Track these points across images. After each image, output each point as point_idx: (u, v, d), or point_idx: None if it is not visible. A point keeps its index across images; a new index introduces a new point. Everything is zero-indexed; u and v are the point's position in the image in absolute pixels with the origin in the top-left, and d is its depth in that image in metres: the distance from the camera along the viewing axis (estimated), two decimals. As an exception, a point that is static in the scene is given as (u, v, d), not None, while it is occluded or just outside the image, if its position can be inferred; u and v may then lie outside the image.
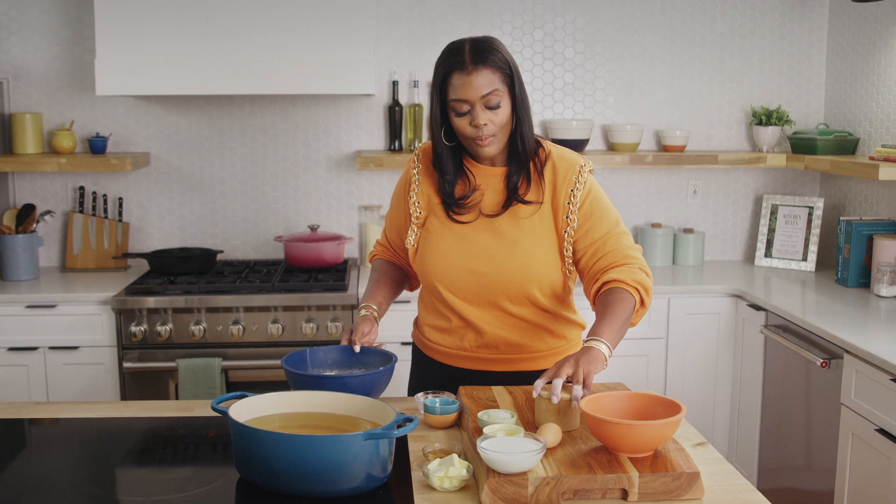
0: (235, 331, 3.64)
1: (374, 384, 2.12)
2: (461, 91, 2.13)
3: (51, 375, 3.68)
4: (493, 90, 2.12)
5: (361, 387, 2.08)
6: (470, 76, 2.12)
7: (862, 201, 4.10)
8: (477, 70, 2.11)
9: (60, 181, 4.26)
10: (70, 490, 1.82)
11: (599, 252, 2.22)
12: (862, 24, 4.08)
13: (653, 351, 3.91)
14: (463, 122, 2.16)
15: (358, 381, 2.09)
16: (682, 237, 4.37)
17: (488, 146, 2.19)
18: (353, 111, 4.31)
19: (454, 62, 2.14)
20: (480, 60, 2.12)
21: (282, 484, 1.70)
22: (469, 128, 2.16)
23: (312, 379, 2.09)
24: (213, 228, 4.35)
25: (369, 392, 2.09)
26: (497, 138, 2.19)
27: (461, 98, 2.13)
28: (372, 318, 2.32)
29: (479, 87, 2.11)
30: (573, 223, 2.23)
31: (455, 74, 2.13)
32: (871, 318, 3.35)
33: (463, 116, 2.16)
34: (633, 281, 2.17)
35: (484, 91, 2.12)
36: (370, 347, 2.26)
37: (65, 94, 4.21)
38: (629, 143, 4.26)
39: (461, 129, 2.18)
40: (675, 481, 1.70)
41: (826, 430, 3.22)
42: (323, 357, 2.26)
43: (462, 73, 2.12)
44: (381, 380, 2.14)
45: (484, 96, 2.12)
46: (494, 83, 2.13)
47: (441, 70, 2.16)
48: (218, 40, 3.74)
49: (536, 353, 2.33)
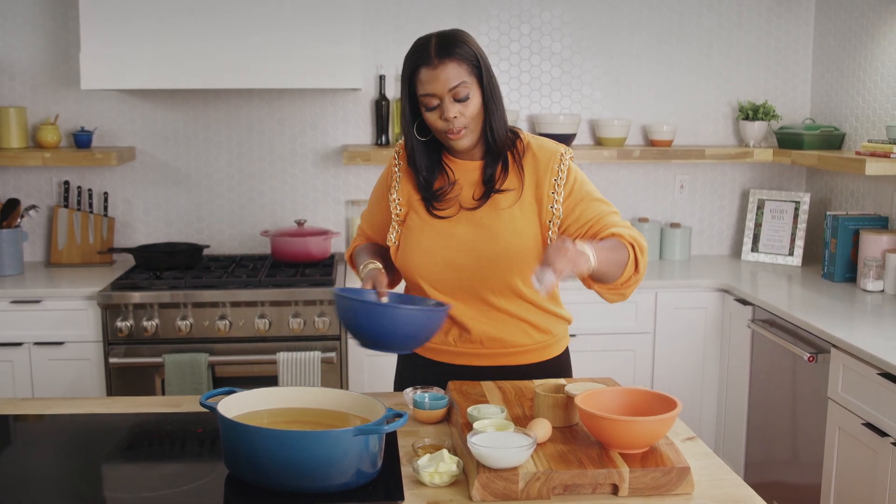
0: (222, 326, 3.62)
1: (437, 320, 2.10)
2: (428, 85, 2.13)
3: (36, 371, 3.65)
4: (461, 83, 2.13)
5: (429, 322, 2.07)
6: (436, 70, 2.12)
7: (848, 196, 4.12)
8: (443, 64, 2.12)
9: (45, 175, 4.23)
10: (57, 487, 1.81)
11: (595, 227, 2.20)
12: (848, 19, 4.09)
13: (640, 346, 3.92)
14: (433, 116, 2.17)
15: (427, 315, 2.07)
16: (669, 232, 4.38)
17: (461, 139, 2.19)
18: (339, 106, 4.30)
19: (420, 57, 2.15)
20: (446, 54, 2.13)
21: (271, 480, 1.69)
22: (440, 121, 2.17)
23: (380, 308, 2.02)
24: (199, 223, 4.33)
25: (430, 328, 2.08)
26: (469, 130, 2.18)
27: (429, 92, 2.14)
28: (381, 270, 2.23)
29: (446, 81, 2.12)
30: (558, 212, 2.22)
31: (422, 70, 2.14)
32: (858, 312, 3.36)
33: (433, 111, 2.17)
34: (629, 237, 2.14)
35: (451, 84, 2.12)
36: (401, 294, 2.26)
37: (49, 88, 4.18)
38: (616, 138, 4.26)
39: (433, 124, 2.19)
40: (665, 476, 1.70)
41: (813, 425, 3.23)
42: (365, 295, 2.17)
43: (428, 67, 2.13)
44: (442, 316, 2.12)
45: (451, 89, 2.13)
46: (462, 76, 2.13)
47: (408, 66, 2.17)
48: (204, 34, 3.72)
49: (521, 348, 2.32)
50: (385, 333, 2.02)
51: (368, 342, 2.06)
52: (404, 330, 2.04)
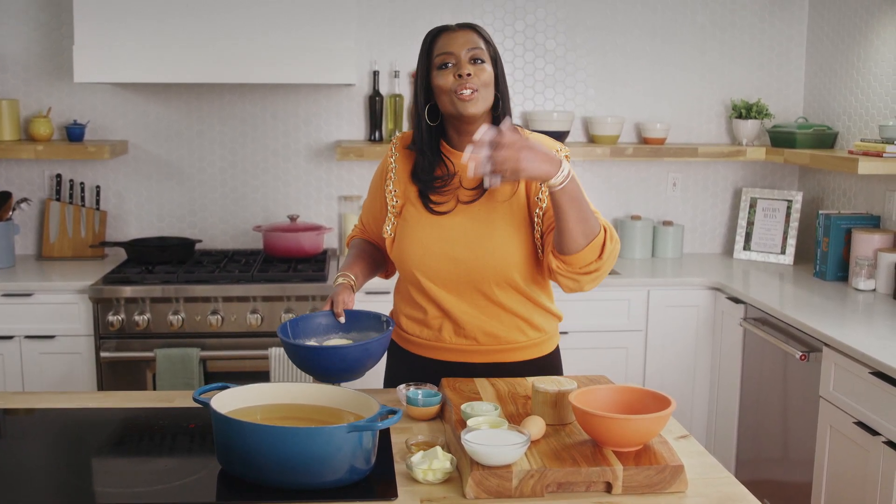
0: (214, 321, 3.61)
1: (374, 351, 2.10)
2: (446, 46, 2.20)
3: (26, 365, 3.64)
4: (478, 47, 2.20)
5: (362, 355, 2.08)
6: (455, 33, 2.21)
7: (840, 195, 4.13)
8: (463, 30, 2.22)
9: (37, 168, 4.21)
10: (47, 481, 1.80)
11: None
12: (841, 19, 4.10)
13: (632, 343, 3.92)
14: (446, 75, 2.18)
15: (360, 350, 2.08)
16: (662, 230, 4.38)
17: (471, 100, 2.17)
18: (333, 101, 4.29)
19: (441, 28, 2.24)
20: (467, 25, 2.24)
21: (265, 476, 1.68)
22: (452, 80, 2.17)
23: (311, 350, 2.07)
24: (191, 217, 4.32)
25: (369, 359, 2.09)
26: (480, 95, 2.17)
27: (446, 51, 2.19)
28: (349, 286, 2.31)
29: (464, 42, 2.20)
30: (543, 202, 2.21)
31: (442, 35, 2.22)
32: (850, 311, 3.37)
33: (446, 70, 2.19)
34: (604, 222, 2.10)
35: (469, 45, 2.19)
36: (359, 311, 2.26)
37: (42, 81, 4.16)
38: (609, 136, 4.26)
39: (443, 85, 2.18)
40: (659, 474, 1.70)
41: (804, 423, 3.24)
42: (314, 325, 2.22)
43: (448, 32, 2.22)
44: (381, 346, 2.13)
45: (469, 50, 2.19)
46: (479, 43, 2.21)
47: (428, 38, 2.25)
48: (198, 28, 3.71)
49: (515, 345, 2.32)
50: (326, 370, 2.08)
51: (317, 378, 2.11)
52: (340, 366, 2.07)
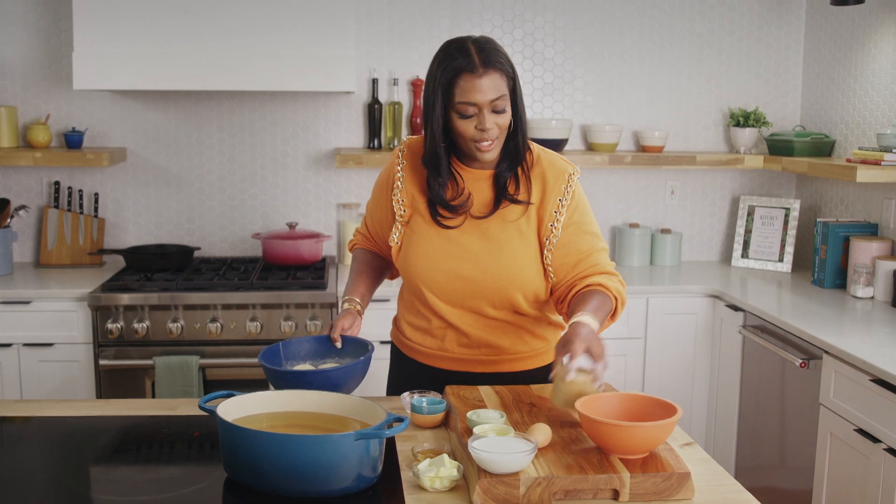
0: (213, 328, 3.61)
1: (351, 376, 2.11)
2: (470, 94, 2.08)
3: (25, 373, 3.62)
4: (501, 95, 2.10)
5: (339, 379, 2.08)
6: (481, 79, 2.08)
7: (838, 203, 4.14)
8: (487, 73, 2.08)
9: (35, 176, 4.21)
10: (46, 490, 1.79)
11: (582, 264, 2.22)
12: (839, 27, 4.11)
13: (631, 351, 3.92)
14: (467, 124, 2.12)
15: (337, 373, 2.09)
16: (660, 237, 4.39)
17: (490, 151, 2.16)
18: (332, 108, 4.29)
19: (463, 63, 2.08)
20: (490, 64, 2.09)
21: (271, 484, 1.68)
22: (473, 130, 2.12)
23: (288, 374, 2.09)
24: (189, 225, 4.31)
25: (347, 383, 2.10)
26: (498, 141, 2.16)
27: (470, 101, 2.09)
28: (355, 311, 2.31)
29: (488, 91, 2.08)
30: (556, 233, 2.21)
31: (465, 75, 2.08)
32: (848, 318, 3.38)
33: (468, 119, 2.12)
34: (615, 290, 2.19)
35: (493, 96, 2.09)
36: (345, 336, 2.25)
37: (41, 88, 4.15)
38: (608, 144, 4.27)
39: (464, 132, 2.13)
40: (666, 481, 1.71)
41: (804, 430, 3.24)
42: (296, 349, 2.25)
43: (472, 75, 2.08)
44: (358, 371, 2.13)
45: (493, 101, 2.09)
46: (502, 88, 2.10)
47: (449, 70, 2.09)
48: (197, 35, 3.71)
49: (517, 355, 2.32)
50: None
51: None
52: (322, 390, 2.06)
